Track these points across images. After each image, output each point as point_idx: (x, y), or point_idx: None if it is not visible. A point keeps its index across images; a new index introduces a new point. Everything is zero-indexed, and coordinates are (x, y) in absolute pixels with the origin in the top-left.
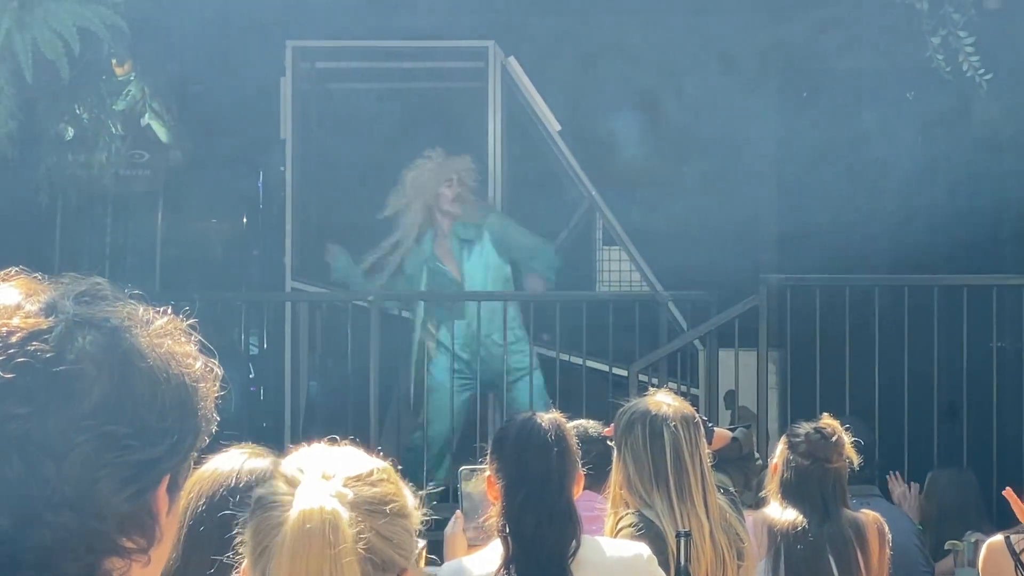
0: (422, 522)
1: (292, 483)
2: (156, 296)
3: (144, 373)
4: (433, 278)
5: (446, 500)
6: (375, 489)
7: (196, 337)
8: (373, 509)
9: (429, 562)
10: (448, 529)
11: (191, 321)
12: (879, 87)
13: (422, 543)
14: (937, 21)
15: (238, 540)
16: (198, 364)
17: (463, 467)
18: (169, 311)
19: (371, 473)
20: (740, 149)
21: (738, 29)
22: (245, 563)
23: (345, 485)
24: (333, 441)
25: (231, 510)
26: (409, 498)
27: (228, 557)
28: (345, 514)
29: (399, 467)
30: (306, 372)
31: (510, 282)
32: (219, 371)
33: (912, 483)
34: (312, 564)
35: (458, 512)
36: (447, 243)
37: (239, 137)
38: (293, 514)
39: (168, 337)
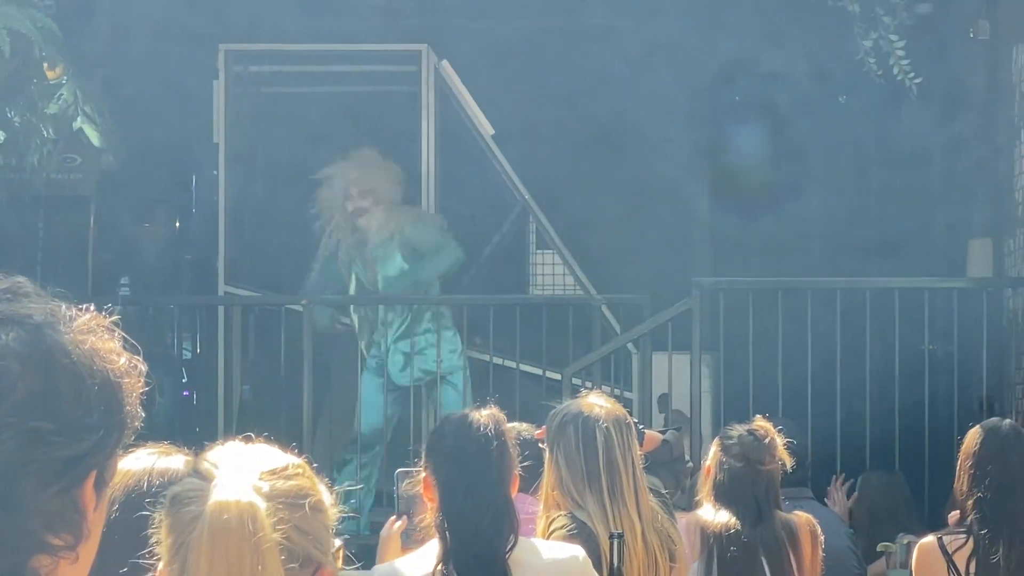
0: (338, 520)
1: (207, 478)
2: (88, 300)
3: (68, 369)
4: (357, 282)
5: (381, 503)
6: (291, 483)
7: (119, 334)
8: (290, 502)
9: (347, 561)
10: (383, 532)
11: (114, 318)
12: (811, 90)
13: (338, 542)
14: (868, 24)
15: (153, 540)
16: (122, 360)
17: (399, 469)
18: (92, 308)
19: (286, 468)
20: (672, 152)
21: (678, 32)
22: (161, 564)
23: (261, 479)
24: (248, 439)
25: (146, 512)
26: (325, 494)
27: (143, 560)
28: (263, 505)
29: (314, 464)
30: (239, 376)
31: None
32: (143, 367)
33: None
34: (232, 555)
35: (393, 516)
36: (368, 251)
37: (172, 141)
38: (210, 507)
39: (91, 334)
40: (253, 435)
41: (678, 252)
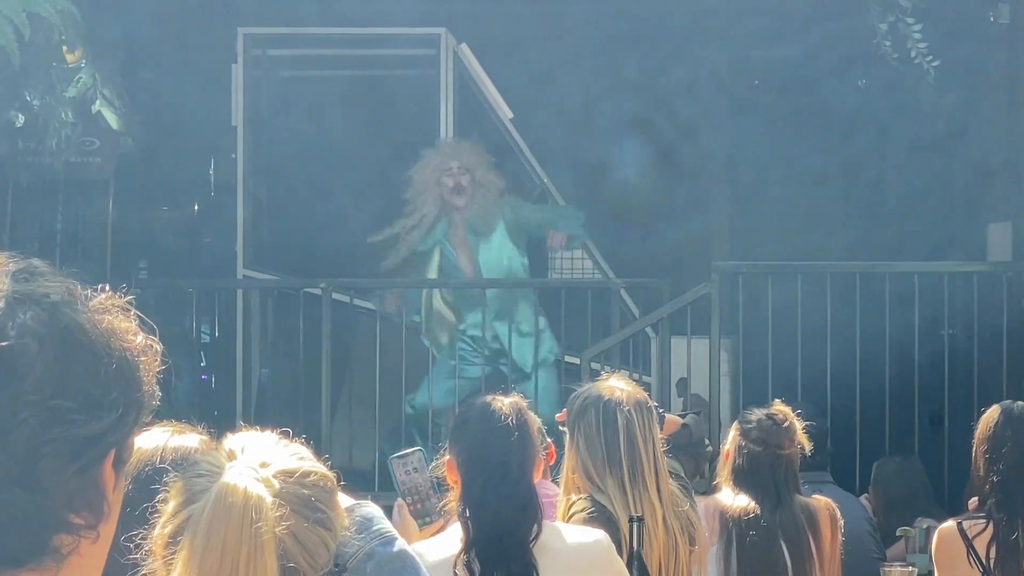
0: (344, 546)
1: (229, 458)
2: (108, 282)
3: (86, 347)
4: (446, 264)
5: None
6: (305, 491)
7: (135, 313)
8: (296, 510)
9: None
10: (394, 517)
11: (129, 297)
12: (829, 75)
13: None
14: (885, 7)
15: (160, 496)
16: (138, 339)
17: (392, 456)
18: (107, 288)
19: (307, 475)
20: (692, 136)
21: (689, 15)
22: (162, 520)
23: (275, 476)
24: (286, 435)
25: (158, 489)
26: (339, 514)
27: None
28: (268, 499)
29: (342, 482)
30: (258, 360)
31: (527, 272)
32: (159, 347)
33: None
34: (230, 539)
35: (399, 500)
36: (461, 232)
37: (190, 124)
38: (217, 486)
39: (107, 313)
40: (291, 432)
41: (698, 236)
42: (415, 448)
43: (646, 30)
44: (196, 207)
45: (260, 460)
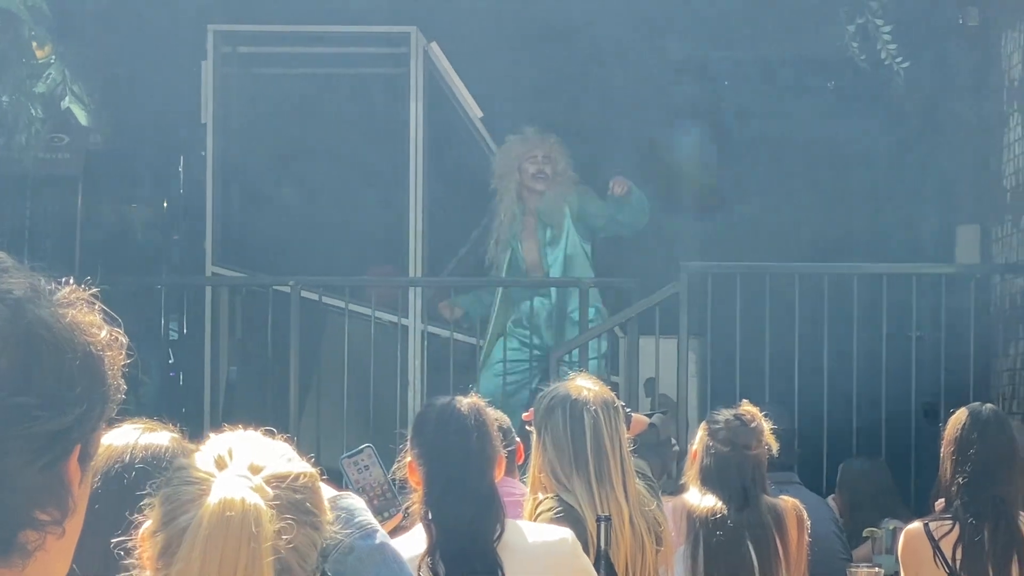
0: (327, 540)
1: (218, 464)
2: (76, 280)
3: (50, 343)
4: (513, 257)
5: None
6: (297, 496)
7: (99, 306)
8: (290, 516)
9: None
10: None
11: (94, 291)
12: (797, 74)
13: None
14: (853, 8)
15: (145, 502)
16: (103, 333)
17: (342, 456)
18: (71, 281)
19: (297, 478)
20: (659, 135)
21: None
22: (148, 526)
23: (268, 482)
24: (270, 433)
25: (128, 485)
26: (326, 512)
27: (126, 527)
28: (266, 510)
29: (324, 475)
30: (226, 357)
31: (589, 261)
32: (124, 339)
33: None
34: (228, 553)
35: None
36: (532, 224)
37: (160, 121)
38: (213, 500)
39: (71, 307)
40: (275, 431)
41: (666, 236)
42: (364, 445)
43: (616, 28)
44: (165, 204)
45: (250, 465)
